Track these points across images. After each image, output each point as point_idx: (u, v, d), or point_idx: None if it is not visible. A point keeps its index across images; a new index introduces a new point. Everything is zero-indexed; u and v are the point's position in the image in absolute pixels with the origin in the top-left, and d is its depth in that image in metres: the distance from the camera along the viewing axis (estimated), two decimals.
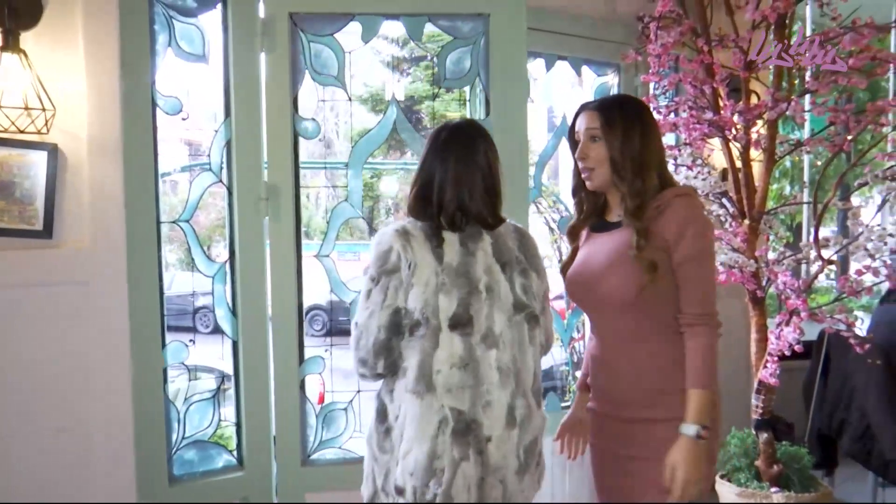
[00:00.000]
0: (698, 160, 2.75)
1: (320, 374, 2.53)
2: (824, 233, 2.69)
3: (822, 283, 5.89)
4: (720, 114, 2.65)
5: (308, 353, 2.49)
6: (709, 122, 2.66)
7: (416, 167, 1.62)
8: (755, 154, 2.73)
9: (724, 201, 2.77)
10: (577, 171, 1.71)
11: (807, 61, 2.49)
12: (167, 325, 2.32)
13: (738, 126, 2.67)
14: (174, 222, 2.38)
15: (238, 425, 2.45)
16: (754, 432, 2.74)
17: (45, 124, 1.98)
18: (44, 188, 2.02)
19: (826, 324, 2.59)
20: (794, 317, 2.58)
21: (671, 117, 2.74)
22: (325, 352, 2.56)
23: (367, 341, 1.52)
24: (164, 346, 2.29)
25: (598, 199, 1.74)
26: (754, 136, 2.69)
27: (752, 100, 2.69)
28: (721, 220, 2.82)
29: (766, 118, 2.65)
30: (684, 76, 2.68)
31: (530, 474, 1.57)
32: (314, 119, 2.46)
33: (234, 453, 2.47)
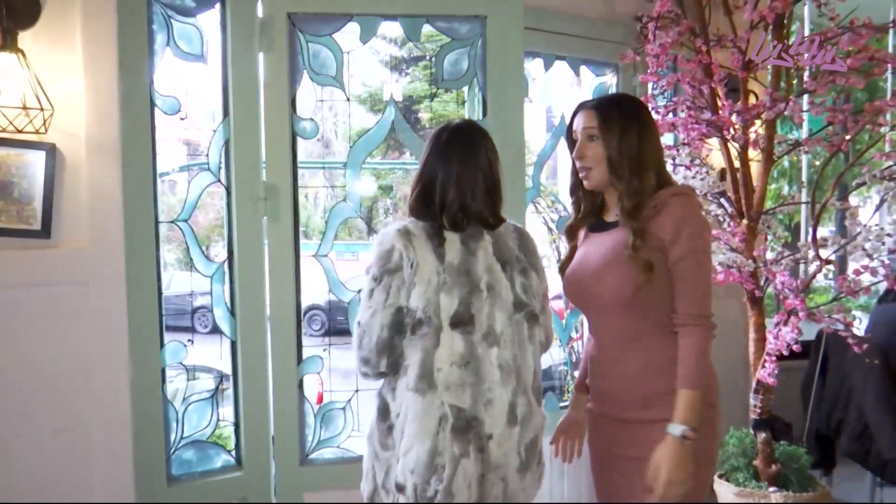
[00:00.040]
0: (696, 160, 2.75)
1: (319, 373, 2.53)
2: (822, 233, 2.69)
3: (821, 282, 5.90)
4: (718, 114, 2.66)
5: (306, 353, 2.49)
6: (707, 122, 2.66)
7: (417, 168, 1.63)
8: (753, 154, 2.73)
9: (722, 201, 2.78)
10: (575, 171, 1.71)
11: (805, 61, 2.49)
12: (166, 325, 2.31)
13: (736, 126, 2.67)
14: (173, 222, 2.37)
15: (236, 425, 2.45)
16: (752, 432, 2.75)
17: (44, 124, 1.97)
18: (42, 188, 2.01)
19: (824, 323, 2.60)
20: (793, 316, 2.58)
21: (669, 117, 2.74)
22: (324, 351, 2.57)
23: (370, 340, 1.53)
24: (162, 346, 2.29)
25: (596, 198, 1.74)
26: (752, 136, 2.69)
27: (751, 100, 2.70)
28: (719, 219, 2.83)
29: (764, 118, 2.65)
30: (682, 76, 2.68)
31: (531, 472, 1.58)
32: (312, 119, 2.46)
33: (233, 453, 2.46)
